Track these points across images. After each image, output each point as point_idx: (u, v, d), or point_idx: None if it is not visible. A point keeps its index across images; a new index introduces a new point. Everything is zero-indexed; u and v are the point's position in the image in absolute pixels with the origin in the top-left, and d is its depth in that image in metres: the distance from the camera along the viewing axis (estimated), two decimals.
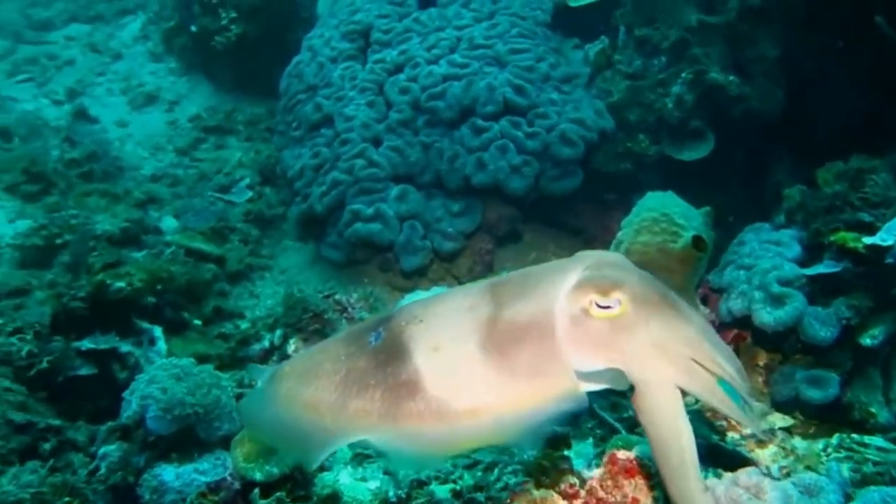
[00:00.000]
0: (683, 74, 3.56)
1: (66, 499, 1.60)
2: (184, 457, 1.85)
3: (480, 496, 1.69)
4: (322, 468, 1.91)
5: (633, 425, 2.26)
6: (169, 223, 3.93)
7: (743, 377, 1.30)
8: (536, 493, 1.55)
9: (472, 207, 3.65)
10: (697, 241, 2.52)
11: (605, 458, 1.56)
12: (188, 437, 1.88)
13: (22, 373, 2.13)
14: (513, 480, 1.74)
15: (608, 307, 1.29)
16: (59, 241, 3.17)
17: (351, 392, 1.42)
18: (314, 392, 1.47)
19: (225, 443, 1.94)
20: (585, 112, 3.79)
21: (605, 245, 3.03)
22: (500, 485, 1.73)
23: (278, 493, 1.67)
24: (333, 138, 3.84)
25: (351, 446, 2.18)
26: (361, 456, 2.13)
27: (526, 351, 1.32)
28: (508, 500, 1.56)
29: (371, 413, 1.40)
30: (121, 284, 2.88)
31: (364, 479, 1.83)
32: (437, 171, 3.69)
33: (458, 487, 1.73)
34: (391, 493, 1.78)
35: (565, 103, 3.83)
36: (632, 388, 1.26)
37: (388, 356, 1.41)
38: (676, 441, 1.24)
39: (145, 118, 5.32)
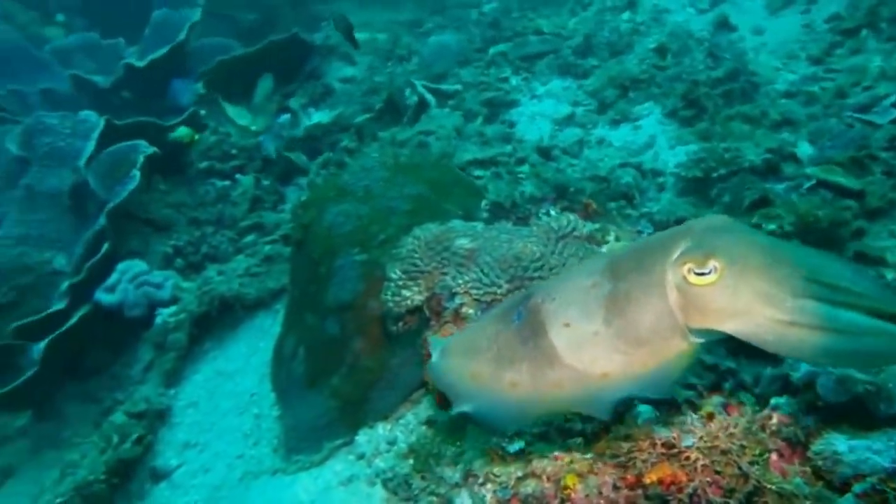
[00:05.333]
0: None
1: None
2: (854, 429, 1.96)
3: None
4: None
5: None
6: (804, 149, 3.88)
7: (876, 288, 1.29)
8: None
9: None
10: None
11: None
12: (858, 409, 1.97)
13: None
14: None
15: (706, 273, 1.37)
16: (714, 174, 3.50)
17: (503, 365, 1.62)
18: (476, 366, 1.68)
19: (892, 421, 1.94)
20: None
21: None
22: None
23: None
24: None
25: None
26: None
27: (644, 319, 1.45)
28: None
29: (520, 383, 1.59)
30: (772, 227, 3.08)
31: None
32: None
33: None
34: None
35: None
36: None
37: (529, 333, 1.58)
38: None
39: (780, 22, 5.16)
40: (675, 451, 1.94)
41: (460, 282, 2.49)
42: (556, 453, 2.24)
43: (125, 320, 3.86)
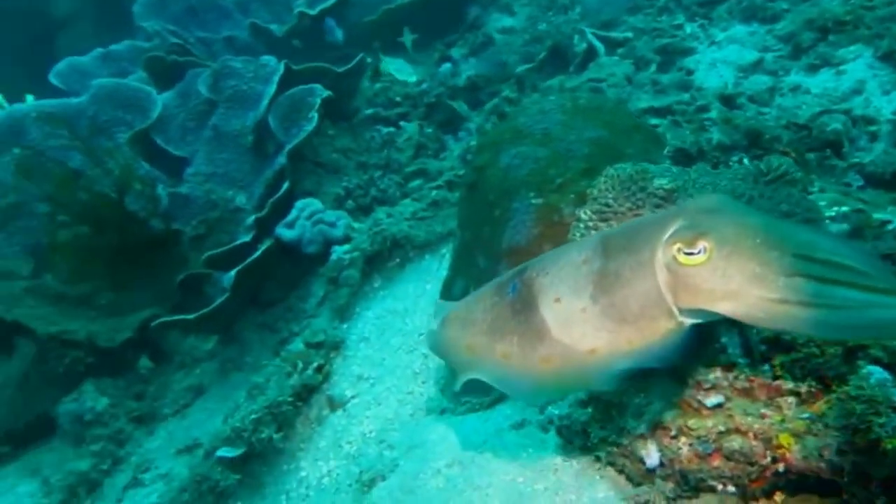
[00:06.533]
0: None
1: None
2: None
3: None
4: None
5: None
6: None
7: (871, 263, 1.31)
8: None
9: None
10: None
11: None
12: None
13: None
14: None
15: (695, 253, 1.37)
16: None
17: (496, 336, 1.63)
18: (471, 337, 1.70)
19: None
20: None
21: None
22: None
23: None
24: None
25: None
26: None
27: (632, 298, 1.44)
28: None
29: (511, 354, 1.59)
30: None
31: None
32: None
33: None
34: None
35: None
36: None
37: (521, 306, 1.59)
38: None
39: None
40: None
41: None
42: (763, 411, 2.08)
43: (301, 256, 4.04)
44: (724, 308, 1.39)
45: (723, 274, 1.37)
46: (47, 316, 3.73)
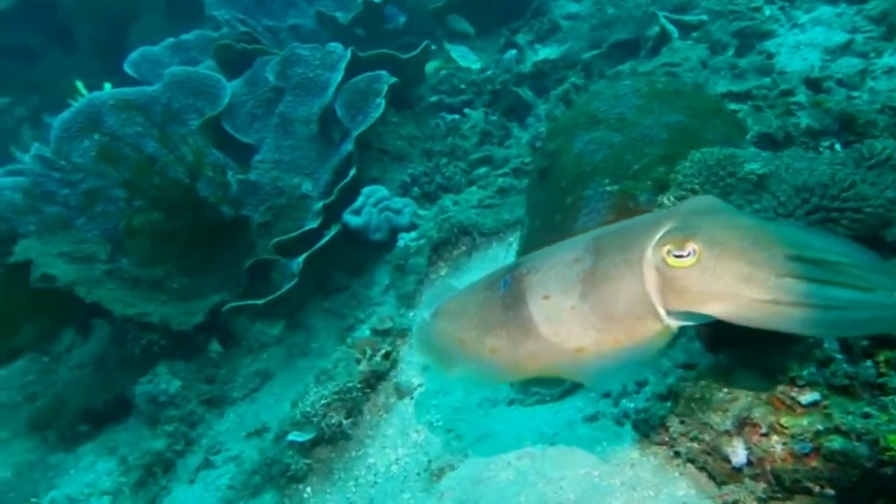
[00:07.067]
0: None
1: None
2: None
3: None
4: None
5: None
6: None
7: (866, 262, 1.32)
8: None
9: None
10: None
11: None
12: None
13: None
14: None
15: (684, 255, 1.38)
16: None
17: (486, 331, 1.64)
18: (461, 330, 1.70)
19: None
20: None
21: None
22: None
23: None
24: None
25: None
26: None
27: (619, 297, 1.46)
28: None
29: (499, 349, 1.59)
30: None
31: None
32: None
33: None
34: None
35: None
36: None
37: (511, 302, 1.59)
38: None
39: None
40: None
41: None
42: (867, 410, 1.95)
43: (366, 243, 4.03)
44: (714, 310, 1.38)
45: (712, 275, 1.37)
46: (125, 298, 3.83)
